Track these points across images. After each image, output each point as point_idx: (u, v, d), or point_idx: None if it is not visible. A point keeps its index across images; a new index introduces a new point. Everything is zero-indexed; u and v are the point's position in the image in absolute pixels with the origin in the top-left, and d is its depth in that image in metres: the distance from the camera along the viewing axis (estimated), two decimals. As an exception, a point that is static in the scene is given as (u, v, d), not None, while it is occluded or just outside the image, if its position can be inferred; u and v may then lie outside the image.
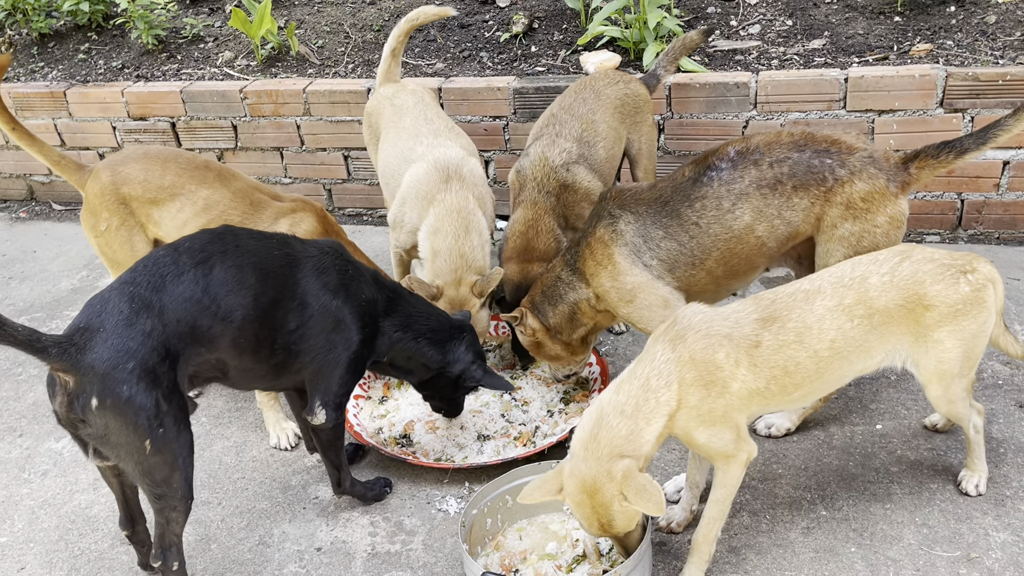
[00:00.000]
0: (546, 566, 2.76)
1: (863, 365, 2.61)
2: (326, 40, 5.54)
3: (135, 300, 2.48)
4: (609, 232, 3.08)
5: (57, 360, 2.36)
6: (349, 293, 2.87)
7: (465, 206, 3.54)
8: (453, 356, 3.13)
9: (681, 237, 3.02)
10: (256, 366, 2.75)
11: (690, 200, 3.01)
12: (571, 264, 3.21)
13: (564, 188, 3.63)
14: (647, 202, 3.08)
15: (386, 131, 3.95)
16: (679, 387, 2.43)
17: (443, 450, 3.36)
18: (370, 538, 3.03)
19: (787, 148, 2.96)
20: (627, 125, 3.88)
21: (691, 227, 3.00)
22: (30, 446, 3.63)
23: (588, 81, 3.90)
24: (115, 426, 2.41)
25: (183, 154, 3.56)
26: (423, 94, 4.04)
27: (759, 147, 2.98)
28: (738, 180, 2.96)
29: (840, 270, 2.62)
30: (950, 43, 4.38)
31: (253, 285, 2.66)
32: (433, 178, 3.59)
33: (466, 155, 3.72)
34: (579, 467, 2.43)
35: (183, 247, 2.64)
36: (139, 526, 2.85)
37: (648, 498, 2.33)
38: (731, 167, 2.98)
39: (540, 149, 3.68)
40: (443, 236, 3.50)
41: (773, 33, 4.77)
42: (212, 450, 3.50)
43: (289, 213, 3.43)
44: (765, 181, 2.94)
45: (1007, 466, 2.99)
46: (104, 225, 3.45)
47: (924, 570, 2.67)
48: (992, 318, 2.63)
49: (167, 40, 5.80)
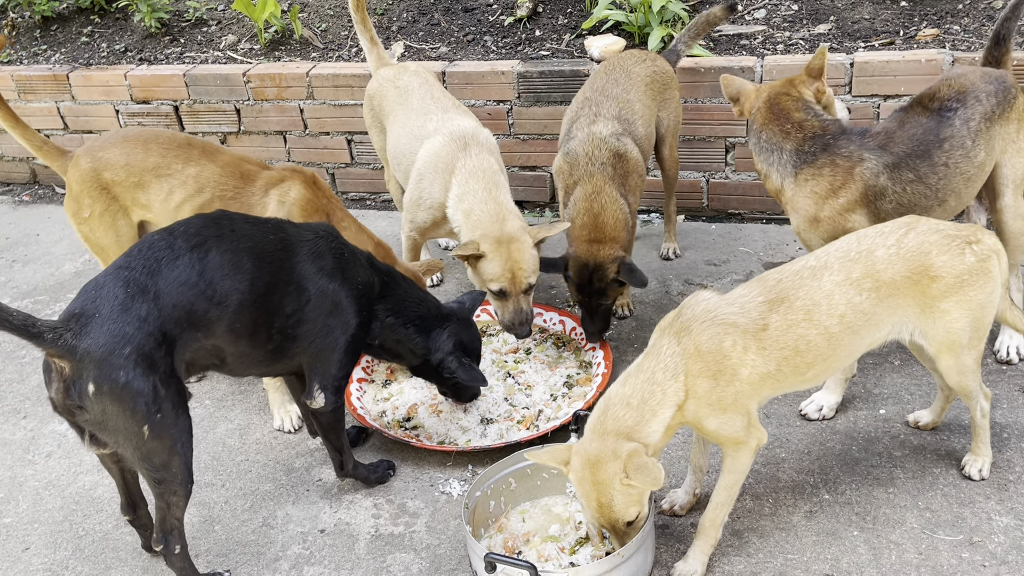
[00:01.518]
0: (549, 548, 2.77)
1: (871, 339, 2.61)
2: (330, 23, 5.52)
3: (130, 285, 2.45)
4: (855, 164, 2.99)
5: (52, 346, 2.34)
6: (346, 276, 2.86)
7: (490, 167, 3.52)
8: (435, 344, 3.12)
9: (930, 179, 3.03)
10: (253, 351, 2.74)
11: (939, 140, 3.02)
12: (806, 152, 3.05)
13: (618, 157, 3.58)
14: (903, 142, 3.03)
15: (393, 113, 3.92)
16: (686, 378, 2.43)
17: (446, 433, 3.36)
18: (373, 520, 3.04)
19: (983, 82, 3.11)
20: (657, 103, 3.88)
21: (940, 168, 3.02)
22: (34, 428, 3.64)
23: (617, 62, 3.88)
24: (113, 412, 2.40)
25: (163, 133, 3.50)
26: (426, 75, 4.02)
27: (967, 87, 3.08)
28: (972, 119, 3.04)
29: (846, 243, 2.61)
30: (956, 28, 4.36)
31: (249, 269, 2.64)
32: (451, 148, 3.57)
33: (479, 125, 3.71)
34: (586, 444, 2.45)
35: (178, 231, 2.61)
36: (140, 510, 2.85)
37: (648, 474, 2.33)
38: (962, 105, 3.05)
39: (585, 128, 3.63)
40: (473, 194, 3.47)
41: (779, 17, 4.75)
42: (216, 432, 3.50)
43: (278, 182, 3.39)
44: (988, 114, 3.07)
45: (1010, 451, 2.99)
46: (87, 212, 3.40)
47: (927, 554, 2.67)
48: (998, 289, 2.63)
49: (170, 23, 5.78)
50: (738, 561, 2.71)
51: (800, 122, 3.10)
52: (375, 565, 2.86)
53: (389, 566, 2.85)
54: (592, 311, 3.57)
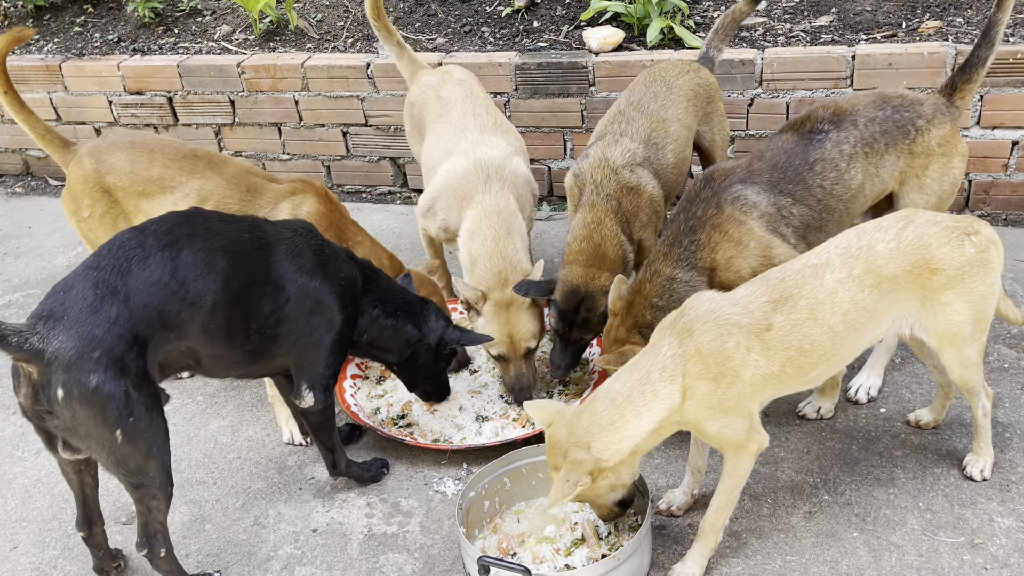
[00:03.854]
0: (544, 549, 2.73)
1: (872, 335, 2.57)
2: (325, 14, 5.46)
3: (99, 285, 2.38)
4: (740, 208, 2.88)
5: (17, 350, 2.27)
6: (327, 274, 2.79)
7: (506, 207, 3.37)
8: (427, 327, 3.07)
9: (809, 201, 2.96)
10: (230, 352, 2.67)
11: (809, 163, 2.96)
12: (686, 259, 2.91)
13: (626, 191, 3.32)
14: (765, 171, 2.96)
15: (433, 125, 3.76)
16: (684, 380, 2.38)
17: (441, 431, 3.32)
18: (367, 519, 3.00)
19: (872, 108, 3.02)
20: (699, 118, 3.63)
21: (817, 190, 2.96)
22: (24, 424, 3.58)
23: (658, 72, 3.60)
24: (83, 417, 2.33)
25: (170, 143, 3.42)
26: (471, 84, 3.86)
27: (848, 109, 3.02)
28: (845, 141, 2.98)
29: (846, 240, 2.57)
30: (960, 20, 4.31)
31: (223, 269, 2.57)
32: (472, 178, 3.43)
33: (510, 153, 3.55)
34: (560, 427, 2.45)
35: (149, 229, 2.54)
36: (96, 528, 2.77)
37: (557, 489, 2.34)
38: (835, 128, 2.99)
39: (600, 150, 3.38)
40: (482, 240, 3.34)
41: (780, 9, 4.69)
42: (208, 429, 3.46)
43: (289, 195, 3.33)
44: (865, 140, 2.99)
45: (1013, 451, 2.95)
46: (87, 212, 3.34)
47: (927, 556, 2.63)
48: (997, 280, 2.60)
49: (164, 13, 5.72)
50: (736, 563, 2.68)
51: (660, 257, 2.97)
52: (368, 565, 2.82)
53: (382, 567, 2.81)
54: (567, 343, 3.31)
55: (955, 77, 3.08)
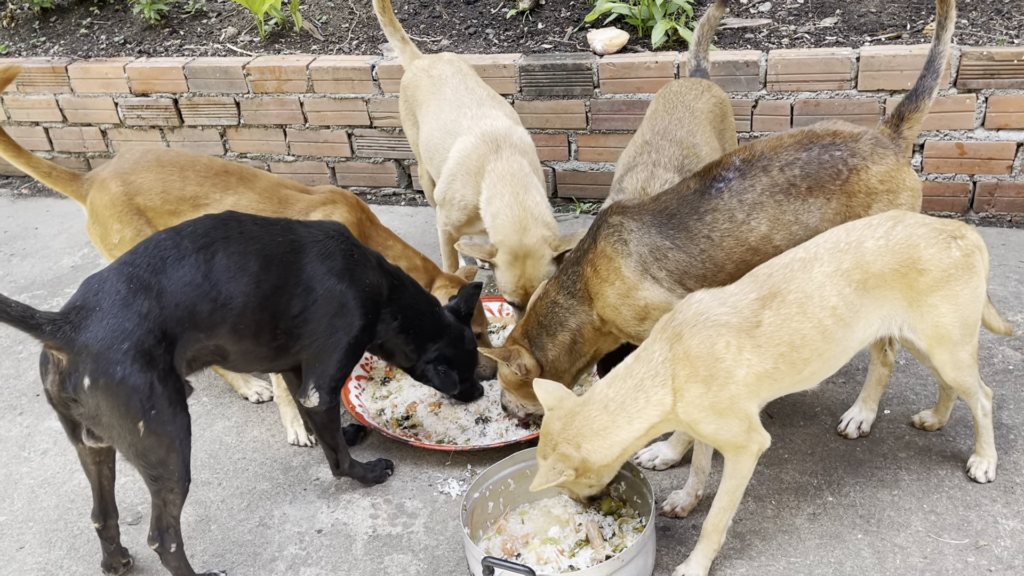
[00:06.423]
0: (548, 550, 2.73)
1: (863, 334, 2.56)
2: (330, 16, 5.47)
3: (133, 281, 2.44)
4: (612, 245, 2.84)
5: (50, 338, 2.32)
6: (354, 278, 2.84)
7: (520, 169, 3.45)
8: (426, 356, 3.17)
9: (691, 249, 2.81)
10: (257, 349, 2.73)
11: (699, 213, 2.78)
12: (568, 287, 2.95)
13: None
14: (651, 212, 2.86)
15: (426, 103, 3.84)
16: (673, 383, 2.41)
17: (445, 432, 3.33)
18: (371, 520, 3.01)
19: (793, 149, 2.78)
20: (719, 136, 3.52)
21: (702, 240, 2.80)
22: (30, 424, 3.61)
23: (676, 97, 3.47)
24: (107, 407, 2.38)
25: (199, 159, 3.37)
26: (460, 63, 3.94)
27: (764, 153, 2.80)
28: (749, 190, 2.76)
29: (835, 235, 2.56)
30: (964, 22, 4.31)
31: (255, 272, 2.62)
32: (482, 150, 3.51)
33: (513, 124, 3.64)
34: (556, 419, 2.52)
35: (186, 231, 2.60)
36: (111, 520, 2.79)
37: (542, 475, 2.48)
38: (739, 176, 2.78)
39: (638, 183, 3.23)
40: (501, 196, 3.41)
41: (784, 11, 4.70)
42: (213, 430, 3.47)
43: (320, 205, 3.34)
44: (778, 187, 2.76)
45: (1017, 453, 2.95)
46: (117, 237, 3.25)
47: (932, 557, 2.63)
48: (982, 284, 2.60)
49: (170, 15, 5.74)
50: (740, 564, 2.68)
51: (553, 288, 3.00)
52: (372, 566, 2.83)
53: (387, 567, 2.82)
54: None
55: (902, 107, 2.86)
